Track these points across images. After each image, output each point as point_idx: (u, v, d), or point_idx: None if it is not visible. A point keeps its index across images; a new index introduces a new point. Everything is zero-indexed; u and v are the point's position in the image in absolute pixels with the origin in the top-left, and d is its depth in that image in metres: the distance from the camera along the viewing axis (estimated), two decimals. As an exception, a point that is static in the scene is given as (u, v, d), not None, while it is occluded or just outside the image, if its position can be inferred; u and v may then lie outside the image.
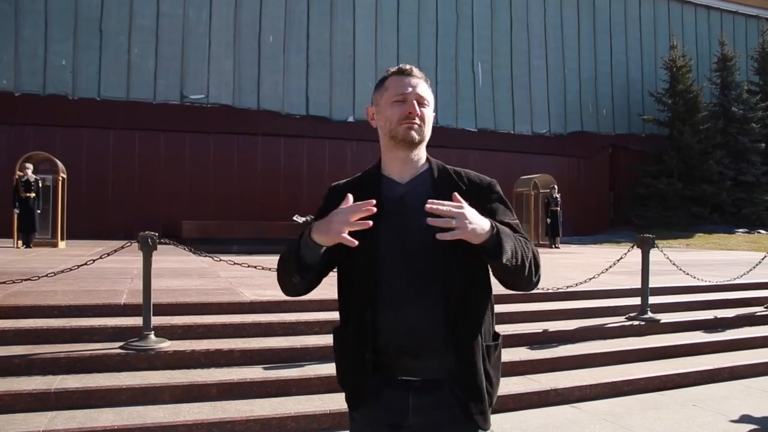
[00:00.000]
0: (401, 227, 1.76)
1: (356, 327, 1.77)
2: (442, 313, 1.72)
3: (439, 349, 1.73)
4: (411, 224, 1.75)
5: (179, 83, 22.11)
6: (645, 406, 5.04)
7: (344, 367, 1.86)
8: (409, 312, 1.72)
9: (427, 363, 1.74)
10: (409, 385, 1.75)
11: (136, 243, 5.17)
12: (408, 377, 1.75)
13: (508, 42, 27.22)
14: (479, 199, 1.80)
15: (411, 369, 1.75)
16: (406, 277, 1.73)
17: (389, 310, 1.72)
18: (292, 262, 1.72)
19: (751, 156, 27.24)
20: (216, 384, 4.42)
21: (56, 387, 4.12)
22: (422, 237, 1.72)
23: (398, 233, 1.76)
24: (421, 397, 1.75)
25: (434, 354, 1.73)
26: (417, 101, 1.81)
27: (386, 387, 1.77)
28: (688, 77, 27.24)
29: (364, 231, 1.70)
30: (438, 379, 1.75)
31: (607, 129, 28.73)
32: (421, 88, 1.83)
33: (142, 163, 20.96)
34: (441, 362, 1.74)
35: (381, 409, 1.78)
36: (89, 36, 21.02)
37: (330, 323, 5.61)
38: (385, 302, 1.72)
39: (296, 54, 23.89)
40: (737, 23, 31.69)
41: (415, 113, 1.79)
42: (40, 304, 5.28)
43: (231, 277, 7.92)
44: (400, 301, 1.71)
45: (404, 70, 1.86)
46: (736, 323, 7.11)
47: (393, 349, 1.74)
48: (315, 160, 23.60)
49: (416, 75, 1.85)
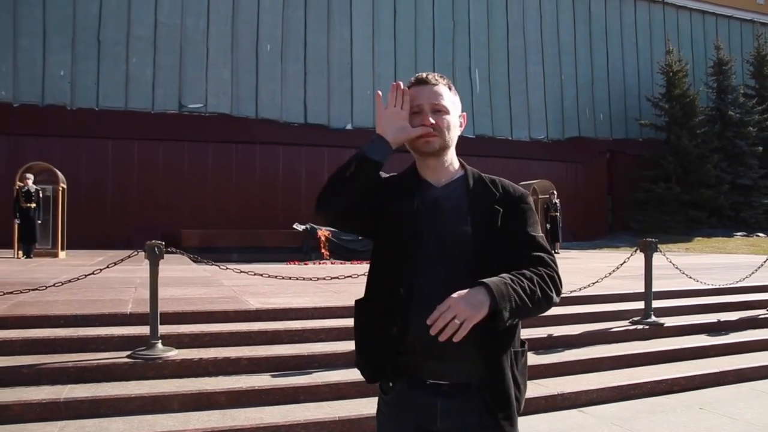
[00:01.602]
0: (436, 230, 1.79)
1: (385, 300, 1.78)
2: None
3: (468, 353, 1.73)
4: (446, 228, 1.79)
5: (177, 92, 22.15)
6: (652, 410, 5.04)
7: (366, 339, 1.85)
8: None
9: (455, 367, 1.75)
10: (438, 389, 1.76)
11: (141, 252, 5.19)
12: (436, 381, 1.76)
13: (504, 48, 27.33)
14: (510, 209, 1.83)
15: (439, 372, 1.76)
16: (439, 280, 1.74)
17: (421, 313, 1.71)
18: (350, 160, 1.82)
19: (748, 159, 27.33)
20: (225, 392, 4.42)
21: (65, 396, 4.11)
22: (456, 241, 1.77)
23: (432, 235, 1.79)
24: (449, 401, 1.76)
25: (462, 358, 1.74)
26: (433, 110, 1.84)
27: (415, 390, 1.78)
28: (685, 82, 27.35)
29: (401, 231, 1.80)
30: (466, 384, 1.76)
31: (605, 134, 28.82)
32: (434, 95, 1.85)
33: (140, 172, 20.96)
34: (469, 366, 1.75)
35: (409, 411, 1.79)
36: (87, 46, 21.06)
37: (336, 330, 5.63)
38: (417, 305, 1.73)
39: (294, 62, 23.95)
40: (732, 27, 31.85)
41: (428, 123, 1.82)
42: (46, 313, 5.28)
43: (235, 285, 7.92)
44: (432, 304, 1.69)
45: (420, 79, 1.89)
46: (739, 326, 7.12)
47: (421, 351, 1.74)
48: (314, 168, 23.62)
49: (431, 82, 1.87)
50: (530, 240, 1.83)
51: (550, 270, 1.79)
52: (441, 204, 1.82)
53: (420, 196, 1.84)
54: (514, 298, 1.66)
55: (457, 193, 1.85)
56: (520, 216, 1.84)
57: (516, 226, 1.82)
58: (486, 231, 1.78)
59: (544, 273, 1.77)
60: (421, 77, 1.89)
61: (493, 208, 1.81)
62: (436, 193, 1.85)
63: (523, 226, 1.83)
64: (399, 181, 1.91)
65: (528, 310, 1.70)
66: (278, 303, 6.27)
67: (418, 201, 1.83)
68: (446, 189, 1.86)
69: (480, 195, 1.84)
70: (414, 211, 1.80)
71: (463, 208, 1.81)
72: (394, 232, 1.80)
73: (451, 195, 1.84)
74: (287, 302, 6.36)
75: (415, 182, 1.89)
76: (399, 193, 1.86)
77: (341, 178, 1.81)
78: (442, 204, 1.82)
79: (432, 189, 1.86)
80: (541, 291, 1.74)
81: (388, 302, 1.77)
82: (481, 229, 1.77)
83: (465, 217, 1.80)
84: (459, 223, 1.79)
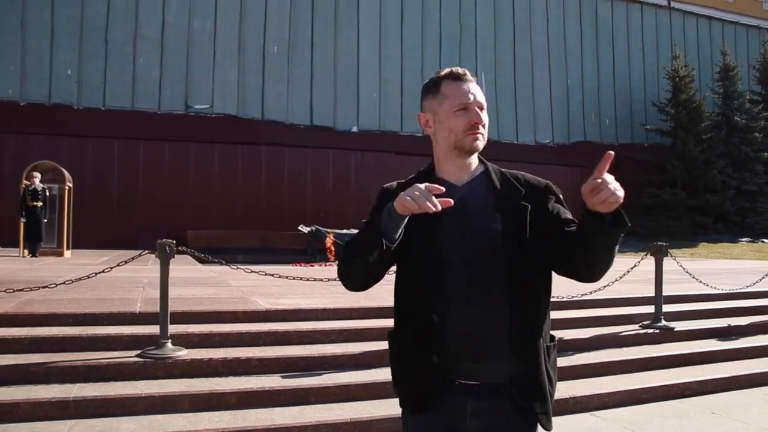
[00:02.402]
0: (463, 229, 1.75)
1: (421, 328, 1.74)
2: (507, 316, 1.70)
3: (503, 352, 1.71)
4: (473, 227, 1.75)
5: (184, 93, 22.18)
6: (665, 414, 5.00)
7: (405, 369, 1.81)
8: (475, 315, 1.70)
9: (487, 367, 1.72)
10: (468, 389, 1.73)
11: (146, 252, 5.18)
12: (466, 381, 1.73)
13: (511, 53, 27.31)
14: (539, 201, 1.79)
15: (470, 373, 1.73)
16: (471, 279, 1.71)
17: (456, 314, 1.70)
18: (371, 239, 1.65)
19: (754, 165, 27.26)
20: (235, 392, 4.39)
21: (75, 395, 4.09)
22: (485, 239, 1.73)
23: (460, 235, 1.75)
24: (479, 401, 1.72)
25: (496, 358, 1.71)
26: (479, 108, 1.80)
27: (444, 391, 1.74)
28: (691, 87, 27.30)
29: (427, 231, 1.73)
30: (497, 384, 1.73)
31: (610, 139, 28.75)
32: (479, 93, 1.81)
33: (146, 172, 21.00)
34: (501, 366, 1.72)
35: (438, 413, 1.75)
36: (95, 46, 21.11)
37: (346, 332, 5.60)
38: (451, 305, 1.70)
39: (300, 64, 23.97)
40: (738, 33, 31.79)
41: (481, 123, 1.78)
42: (55, 312, 5.26)
43: (243, 286, 7.89)
44: (466, 304, 1.69)
45: (459, 75, 1.82)
46: (749, 331, 7.07)
47: (455, 352, 1.71)
48: (319, 170, 23.65)
49: (470, 79, 1.82)
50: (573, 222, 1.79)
51: None
52: (466, 202, 1.77)
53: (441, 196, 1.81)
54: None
55: (481, 191, 1.81)
56: (551, 205, 1.81)
57: (549, 216, 1.79)
58: (517, 228, 1.74)
59: None
60: (458, 72, 1.82)
61: (520, 205, 1.77)
62: (458, 192, 1.79)
63: (559, 215, 1.80)
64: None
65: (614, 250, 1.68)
66: (287, 304, 6.24)
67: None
68: (469, 187, 1.82)
69: (505, 191, 1.80)
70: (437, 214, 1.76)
71: (490, 206, 1.77)
72: (420, 237, 1.74)
73: (474, 193, 1.80)
74: (296, 303, 6.33)
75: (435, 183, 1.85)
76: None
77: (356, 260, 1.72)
78: (467, 202, 1.77)
79: (453, 188, 1.80)
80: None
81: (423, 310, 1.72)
82: (512, 226, 1.74)
83: (494, 215, 1.76)
84: (488, 221, 1.75)
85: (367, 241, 1.67)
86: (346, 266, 1.79)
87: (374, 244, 1.64)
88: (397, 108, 25.08)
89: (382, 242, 1.63)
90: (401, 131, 24.99)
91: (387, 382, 4.89)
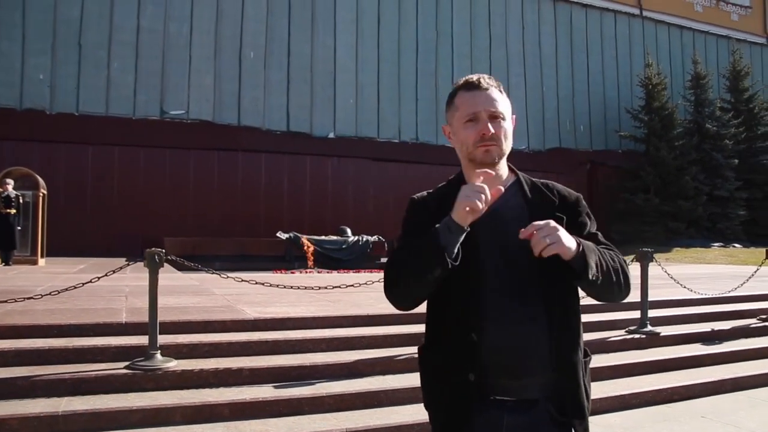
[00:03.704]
0: (498, 241, 1.71)
1: (457, 346, 1.68)
2: (546, 330, 1.67)
3: (542, 367, 1.68)
4: (507, 238, 1.68)
5: (159, 98, 21.89)
6: (655, 419, 5.04)
7: (438, 388, 1.75)
8: (515, 330, 1.66)
9: (525, 382, 1.68)
10: (503, 404, 1.68)
11: (135, 261, 5.08)
12: (501, 397, 1.69)
13: (487, 59, 27.49)
14: (569, 213, 1.78)
15: (507, 389, 1.68)
16: (508, 293, 1.67)
17: (494, 328, 1.66)
18: (432, 258, 1.58)
19: (725, 172, 27.77)
20: (228, 404, 4.31)
21: (64, 409, 3.98)
22: (521, 251, 1.66)
23: (495, 247, 1.71)
24: (515, 416, 1.68)
25: (535, 373, 1.68)
26: (490, 117, 1.74)
27: (478, 407, 1.69)
28: (664, 95, 27.76)
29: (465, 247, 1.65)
30: (533, 399, 1.69)
31: (585, 145, 29.10)
32: (490, 101, 1.75)
33: (121, 179, 20.68)
34: (539, 381, 1.69)
35: (471, 428, 1.70)
36: (68, 50, 20.74)
37: (336, 341, 5.56)
38: (489, 319, 1.66)
39: (277, 70, 23.84)
40: (709, 43, 32.43)
41: (488, 133, 1.72)
42: (38, 323, 5.13)
43: (227, 294, 7.79)
44: (503, 318, 1.65)
45: (470, 83, 1.78)
46: (733, 335, 7.18)
47: (491, 368, 1.67)
48: (296, 176, 23.54)
49: (483, 86, 1.77)
50: (595, 238, 1.80)
51: (622, 258, 1.77)
52: (501, 214, 1.72)
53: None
54: (599, 257, 1.64)
55: (514, 201, 1.77)
56: (581, 218, 1.81)
57: (579, 229, 1.78)
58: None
59: (619, 256, 1.77)
60: (473, 81, 1.78)
61: (555, 216, 1.74)
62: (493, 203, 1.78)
63: (585, 227, 1.80)
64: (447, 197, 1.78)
65: (610, 275, 1.67)
66: (275, 312, 6.17)
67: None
68: (503, 198, 1.73)
69: (539, 202, 1.78)
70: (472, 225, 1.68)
71: (524, 217, 1.72)
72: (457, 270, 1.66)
73: (509, 204, 1.75)
74: (284, 312, 6.26)
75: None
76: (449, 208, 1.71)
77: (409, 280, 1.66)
78: (502, 214, 1.72)
79: None
80: (622, 269, 1.73)
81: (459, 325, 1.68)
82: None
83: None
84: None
85: (427, 259, 1.60)
86: (399, 288, 1.72)
87: (436, 263, 1.58)
88: (374, 114, 25.07)
89: (445, 260, 1.57)
90: (378, 137, 24.98)
91: (380, 391, 4.88)
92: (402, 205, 1.91)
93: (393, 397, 4.74)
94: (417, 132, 25.61)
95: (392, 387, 4.82)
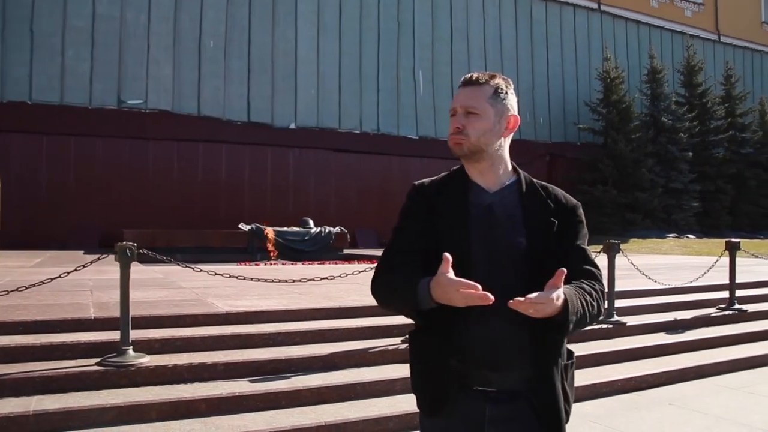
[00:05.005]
0: (489, 237, 1.74)
1: (443, 333, 1.73)
2: (527, 327, 1.69)
3: (522, 362, 1.72)
4: (498, 235, 1.74)
5: (116, 87, 21.32)
6: (626, 407, 5.15)
7: (424, 372, 1.81)
8: (496, 324, 1.69)
9: (506, 375, 1.72)
10: (486, 395, 1.73)
11: (105, 255, 4.95)
12: (484, 387, 1.73)
13: (448, 51, 27.57)
14: (563, 219, 1.81)
15: (488, 380, 1.73)
16: (494, 287, 1.66)
17: (477, 320, 1.69)
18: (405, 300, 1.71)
19: (679, 164, 28.46)
20: (204, 399, 4.25)
21: (34, 409, 3.85)
22: (510, 249, 1.73)
23: (485, 243, 1.74)
24: (497, 407, 1.73)
25: (515, 367, 1.72)
26: (465, 112, 1.78)
27: (462, 396, 1.74)
28: (621, 88, 28.26)
29: (455, 237, 1.73)
30: (515, 390, 1.73)
31: (545, 137, 29.47)
32: (469, 97, 1.78)
33: (77, 170, 20.12)
34: (520, 375, 1.72)
35: (455, 418, 1.74)
36: (19, 37, 20.03)
37: (311, 333, 5.52)
38: (473, 311, 1.66)
39: (237, 59, 23.47)
40: (664, 38, 33.13)
41: (454, 127, 1.78)
42: (2, 320, 4.96)
43: (194, 287, 7.67)
44: (488, 312, 1.66)
45: (466, 80, 1.83)
46: (694, 324, 7.39)
47: (474, 359, 1.71)
48: (257, 168, 23.26)
49: (474, 83, 1.81)
50: (582, 253, 1.84)
51: (600, 286, 1.80)
52: (494, 211, 1.77)
53: (472, 200, 1.79)
54: (579, 311, 1.66)
55: (510, 200, 1.80)
56: (573, 228, 1.84)
57: (568, 238, 1.81)
58: (542, 243, 1.75)
59: (597, 289, 1.78)
60: (468, 77, 1.83)
61: (548, 220, 1.77)
62: (488, 198, 1.79)
63: (575, 238, 1.83)
64: (447, 185, 1.86)
65: (583, 324, 1.72)
66: (246, 306, 6.10)
67: (471, 205, 1.78)
68: (499, 195, 1.80)
69: (534, 205, 1.80)
70: (465, 217, 1.75)
71: (517, 218, 1.77)
72: (448, 242, 1.72)
73: (504, 202, 1.79)
74: (255, 305, 6.19)
75: (466, 185, 1.83)
76: (448, 198, 1.81)
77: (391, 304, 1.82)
78: (495, 211, 1.77)
79: (484, 194, 1.81)
80: (597, 308, 1.76)
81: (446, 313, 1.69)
82: (537, 242, 1.75)
83: (519, 228, 1.76)
84: (513, 233, 1.75)
85: (403, 303, 1.74)
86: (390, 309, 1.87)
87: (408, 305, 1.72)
88: (335, 105, 24.91)
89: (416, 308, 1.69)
90: (339, 128, 24.84)
91: (357, 383, 4.87)
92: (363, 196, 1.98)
93: (370, 389, 4.74)
94: (378, 123, 25.56)
95: (369, 379, 4.82)
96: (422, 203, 1.82)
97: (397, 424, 4.29)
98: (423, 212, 1.80)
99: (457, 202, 1.79)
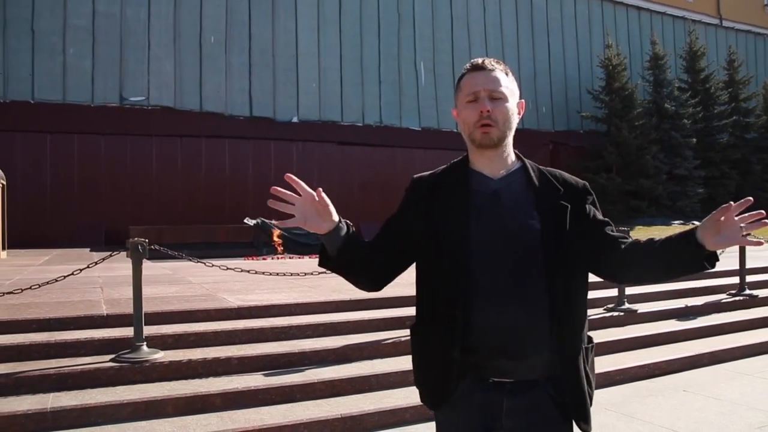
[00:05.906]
0: (497, 223, 1.70)
1: (444, 324, 1.69)
2: (546, 313, 1.66)
3: (540, 350, 1.67)
4: (508, 221, 1.70)
5: (118, 85, 21.31)
6: (640, 394, 5.15)
7: (425, 365, 1.78)
8: (511, 311, 1.65)
9: (523, 364, 1.68)
10: (502, 387, 1.68)
11: (117, 252, 4.95)
12: (501, 378, 1.69)
13: (449, 41, 27.47)
14: (575, 201, 1.77)
15: (505, 370, 1.68)
16: (508, 274, 1.66)
17: (489, 309, 1.65)
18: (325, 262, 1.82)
19: (683, 151, 28.35)
20: (219, 394, 4.26)
21: (51, 406, 3.87)
22: (521, 236, 1.69)
23: (494, 229, 1.70)
24: (515, 398, 1.68)
25: (533, 355, 1.67)
26: (490, 97, 1.72)
27: (477, 389, 1.69)
28: (624, 75, 28.12)
29: (455, 225, 1.70)
30: (532, 380, 1.69)
31: (547, 126, 29.38)
32: (491, 80, 1.73)
33: (81, 167, 20.13)
34: (538, 363, 1.68)
35: (471, 411, 1.71)
36: (20, 37, 20.01)
37: (322, 326, 5.52)
38: (484, 300, 1.65)
39: (238, 54, 23.42)
40: (666, 24, 32.96)
41: (485, 110, 1.70)
42: (16, 318, 4.97)
43: (204, 282, 7.67)
44: (502, 300, 1.64)
45: (476, 65, 1.78)
46: (705, 310, 7.38)
47: (489, 349, 1.67)
48: (260, 162, 23.23)
49: (488, 67, 1.76)
50: (608, 225, 1.81)
51: None
52: (501, 196, 1.73)
53: (474, 188, 1.76)
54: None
55: (518, 186, 1.76)
56: (588, 207, 1.80)
57: (590, 218, 1.79)
58: (556, 227, 1.71)
59: None
60: (477, 63, 1.78)
61: (559, 204, 1.74)
62: (494, 185, 1.76)
63: (593, 217, 1.80)
64: (447, 176, 1.83)
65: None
66: (257, 300, 6.10)
67: (473, 193, 1.75)
68: (505, 181, 1.76)
69: (544, 189, 1.76)
70: (465, 205, 1.72)
71: (528, 203, 1.73)
72: (447, 230, 1.70)
73: (511, 188, 1.75)
74: (266, 299, 6.19)
75: (467, 175, 1.79)
76: (448, 188, 1.78)
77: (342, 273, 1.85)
78: (502, 196, 1.73)
79: (489, 181, 1.76)
80: None
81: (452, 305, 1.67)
82: (551, 225, 1.71)
83: (531, 212, 1.72)
84: (525, 218, 1.71)
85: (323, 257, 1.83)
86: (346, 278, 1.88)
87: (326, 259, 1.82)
88: (337, 98, 24.86)
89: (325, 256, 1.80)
90: (342, 121, 24.81)
91: (371, 375, 4.86)
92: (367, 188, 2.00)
93: (384, 381, 4.75)
94: (380, 115, 25.51)
95: (382, 371, 4.82)
96: (420, 196, 1.80)
97: (413, 415, 4.29)
98: (420, 205, 1.77)
99: (457, 190, 1.76)
